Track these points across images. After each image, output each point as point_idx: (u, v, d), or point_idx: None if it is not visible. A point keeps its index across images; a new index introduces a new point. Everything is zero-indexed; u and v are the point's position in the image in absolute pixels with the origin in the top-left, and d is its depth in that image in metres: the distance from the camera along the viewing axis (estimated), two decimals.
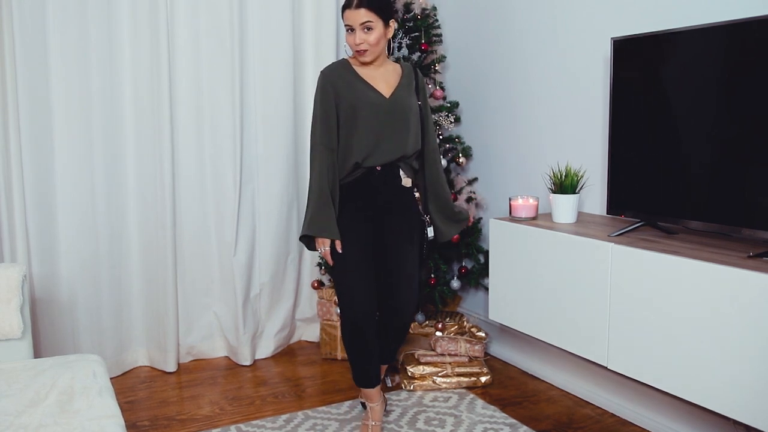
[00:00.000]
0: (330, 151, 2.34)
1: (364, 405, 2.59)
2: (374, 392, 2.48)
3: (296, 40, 3.30)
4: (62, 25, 2.82)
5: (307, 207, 2.36)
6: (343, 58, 2.47)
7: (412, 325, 3.19)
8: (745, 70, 1.89)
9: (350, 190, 2.38)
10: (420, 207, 2.49)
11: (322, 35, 3.34)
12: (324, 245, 2.35)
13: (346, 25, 2.31)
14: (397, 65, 2.47)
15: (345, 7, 2.29)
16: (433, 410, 2.69)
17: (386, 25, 2.32)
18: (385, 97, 2.35)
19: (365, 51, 2.31)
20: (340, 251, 2.34)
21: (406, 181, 2.42)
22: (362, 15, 2.25)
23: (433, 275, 3.11)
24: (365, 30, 2.27)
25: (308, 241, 2.40)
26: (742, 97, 1.90)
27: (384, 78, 2.40)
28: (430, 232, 2.47)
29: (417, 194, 2.49)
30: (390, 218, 2.41)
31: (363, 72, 2.38)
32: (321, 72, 2.41)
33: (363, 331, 2.37)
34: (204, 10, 3.09)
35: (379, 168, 2.36)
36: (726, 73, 1.96)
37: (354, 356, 2.44)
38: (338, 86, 2.35)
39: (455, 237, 3.02)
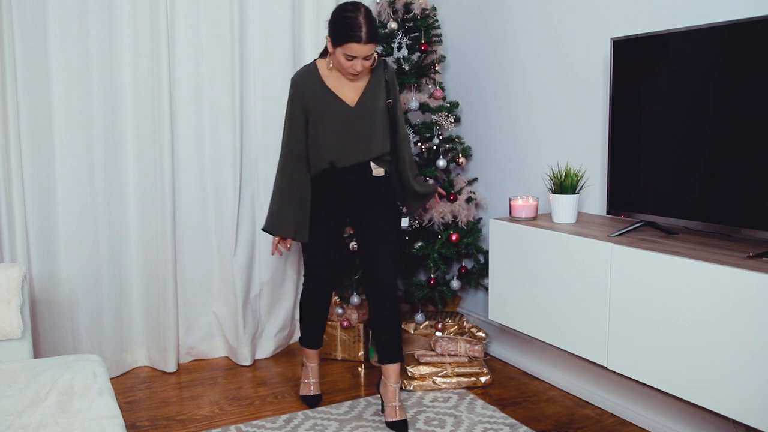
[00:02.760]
0: (296, 155, 2.53)
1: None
2: (314, 353, 2.82)
3: (296, 40, 3.29)
4: (62, 25, 2.81)
5: (270, 202, 2.63)
6: (312, 63, 2.55)
7: (412, 326, 3.19)
8: (745, 70, 1.89)
9: (323, 182, 2.56)
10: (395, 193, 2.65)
11: (322, 35, 3.33)
12: (275, 238, 2.65)
13: (347, 54, 2.35)
14: None
15: (351, 40, 2.32)
16: (433, 410, 2.69)
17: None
18: (350, 105, 2.47)
19: (360, 73, 2.41)
20: (288, 249, 2.68)
21: (378, 171, 2.56)
22: (369, 48, 2.36)
23: (432, 275, 3.11)
24: (366, 59, 2.37)
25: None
26: (741, 97, 1.90)
27: (352, 83, 2.49)
28: (405, 222, 2.61)
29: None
30: (364, 202, 2.58)
31: (330, 80, 2.49)
32: (292, 78, 2.55)
33: (316, 298, 2.71)
34: (204, 10, 3.09)
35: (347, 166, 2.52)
36: (726, 73, 1.96)
37: (305, 318, 2.77)
38: (306, 96, 2.49)
39: (455, 237, 3.04)
